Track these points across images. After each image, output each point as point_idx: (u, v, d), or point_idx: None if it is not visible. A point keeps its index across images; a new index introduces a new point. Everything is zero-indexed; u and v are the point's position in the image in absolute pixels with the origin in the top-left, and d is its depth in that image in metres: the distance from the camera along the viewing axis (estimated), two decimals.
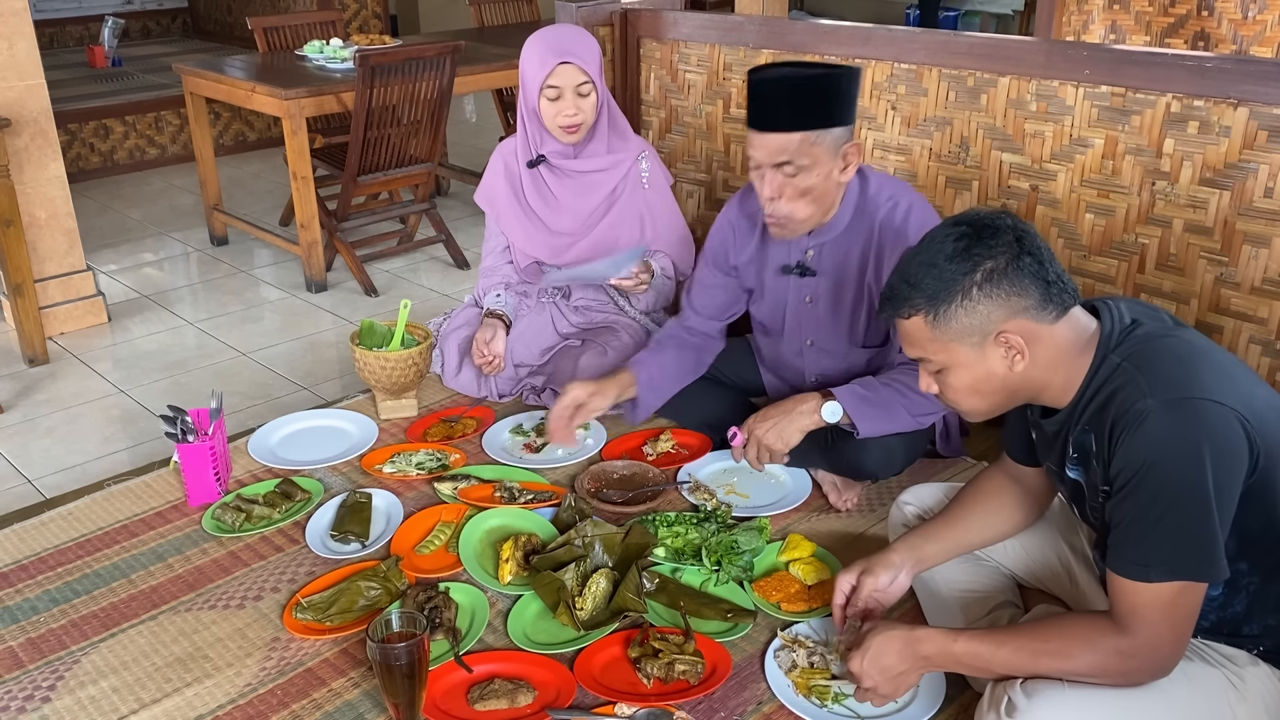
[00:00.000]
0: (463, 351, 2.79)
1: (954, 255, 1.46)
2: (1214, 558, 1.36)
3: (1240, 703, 1.46)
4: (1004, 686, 1.49)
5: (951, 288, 1.45)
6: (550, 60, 2.55)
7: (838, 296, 2.25)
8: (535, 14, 5.82)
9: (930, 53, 2.52)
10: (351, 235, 4.25)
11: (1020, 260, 1.44)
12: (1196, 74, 2.15)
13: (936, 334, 1.49)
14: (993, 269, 1.44)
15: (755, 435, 2.14)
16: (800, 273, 2.25)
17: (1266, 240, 2.14)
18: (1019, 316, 1.45)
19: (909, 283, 1.49)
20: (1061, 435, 1.54)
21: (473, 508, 2.24)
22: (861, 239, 2.17)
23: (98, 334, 3.60)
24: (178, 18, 8.04)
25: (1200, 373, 1.38)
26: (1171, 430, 1.35)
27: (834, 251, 2.21)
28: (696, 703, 1.73)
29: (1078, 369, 1.47)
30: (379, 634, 1.62)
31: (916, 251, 1.51)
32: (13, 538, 2.24)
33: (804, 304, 2.29)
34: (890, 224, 2.13)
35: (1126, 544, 1.40)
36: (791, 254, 2.26)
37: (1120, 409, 1.39)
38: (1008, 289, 1.44)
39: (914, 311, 1.49)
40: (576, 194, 2.71)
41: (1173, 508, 1.35)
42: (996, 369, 1.49)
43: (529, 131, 2.70)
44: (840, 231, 2.18)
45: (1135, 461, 1.37)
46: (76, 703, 1.78)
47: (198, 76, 4.22)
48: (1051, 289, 1.45)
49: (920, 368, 1.58)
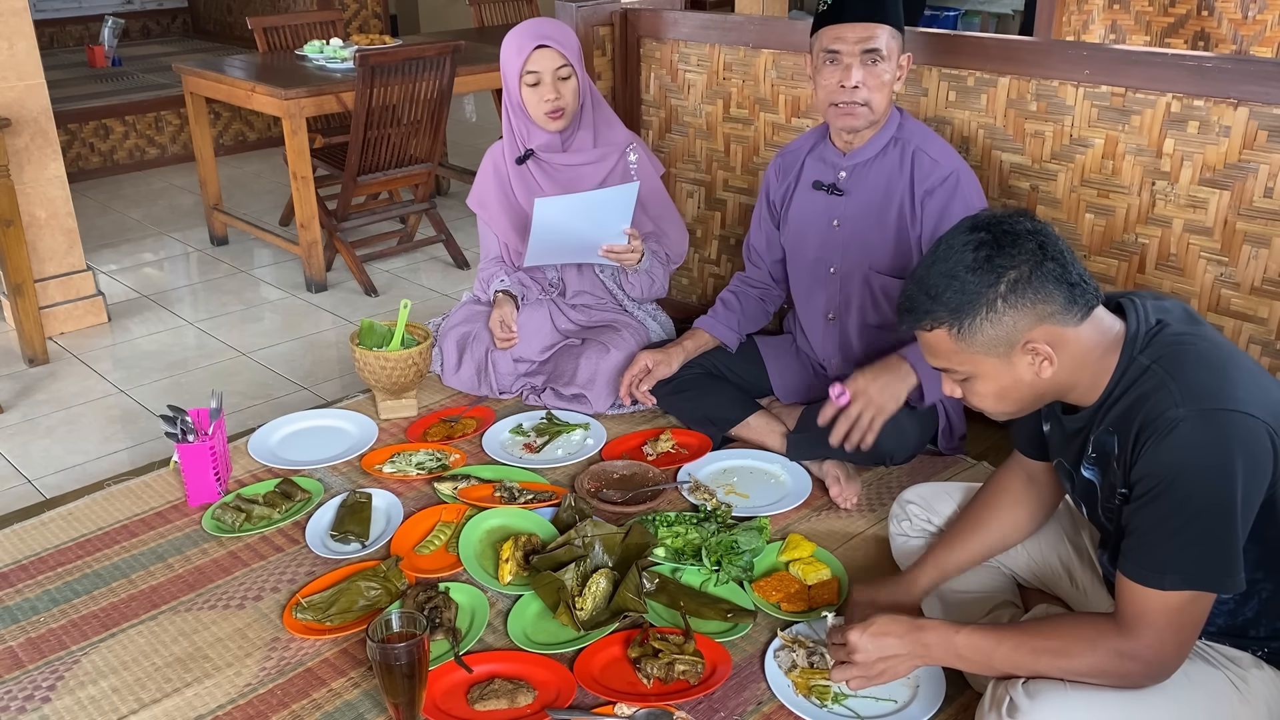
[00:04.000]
0: (461, 348, 2.79)
1: (975, 266, 1.42)
2: (1233, 571, 1.35)
3: (1243, 705, 1.46)
4: (1005, 686, 1.49)
5: (975, 300, 1.42)
6: (527, 45, 2.58)
7: (865, 221, 2.31)
8: (535, 14, 5.82)
9: (930, 53, 2.53)
10: (351, 235, 4.25)
11: (1043, 266, 1.41)
12: (1196, 74, 2.15)
13: (961, 346, 1.45)
14: (1016, 279, 1.41)
15: (868, 393, 2.15)
16: (830, 190, 2.33)
17: (1266, 240, 2.14)
18: (1045, 323, 1.42)
19: (929, 295, 1.45)
20: (1082, 434, 1.51)
21: (473, 508, 2.24)
22: (890, 171, 2.26)
23: (98, 334, 3.60)
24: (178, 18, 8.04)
25: (1232, 381, 1.35)
26: (1204, 441, 1.33)
27: (865, 175, 2.29)
28: (696, 703, 1.73)
29: (1103, 369, 1.45)
30: (379, 634, 1.62)
31: (934, 260, 1.47)
32: (13, 538, 2.24)
33: (831, 228, 2.35)
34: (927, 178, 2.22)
35: (1143, 549, 1.38)
36: (825, 173, 2.36)
37: (1149, 414, 1.37)
38: (1033, 297, 1.41)
39: (936, 325, 1.46)
40: (564, 188, 2.70)
41: (1197, 518, 1.34)
42: (1024, 376, 1.46)
43: (515, 128, 2.71)
44: (874, 154, 2.27)
45: (1162, 469, 1.35)
46: (76, 703, 1.78)
47: (198, 76, 4.22)
48: (1075, 291, 1.42)
49: (944, 375, 1.55)
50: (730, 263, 3.16)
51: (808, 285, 2.47)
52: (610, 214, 2.54)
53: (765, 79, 2.89)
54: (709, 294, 3.24)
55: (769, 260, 2.58)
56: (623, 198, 2.52)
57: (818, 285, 2.44)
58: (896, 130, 2.27)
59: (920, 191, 2.23)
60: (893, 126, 2.27)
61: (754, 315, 2.61)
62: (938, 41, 2.53)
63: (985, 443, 2.51)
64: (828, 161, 2.35)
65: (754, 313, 2.61)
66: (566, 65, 2.60)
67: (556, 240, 2.59)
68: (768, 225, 2.54)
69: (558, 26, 2.66)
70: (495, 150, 2.81)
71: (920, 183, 2.23)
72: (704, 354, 2.57)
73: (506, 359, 2.75)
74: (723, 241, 3.18)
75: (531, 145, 2.70)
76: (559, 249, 2.66)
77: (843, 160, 2.32)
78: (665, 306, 3.00)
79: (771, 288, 2.62)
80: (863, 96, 2.17)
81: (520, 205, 2.75)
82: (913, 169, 2.24)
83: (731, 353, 2.58)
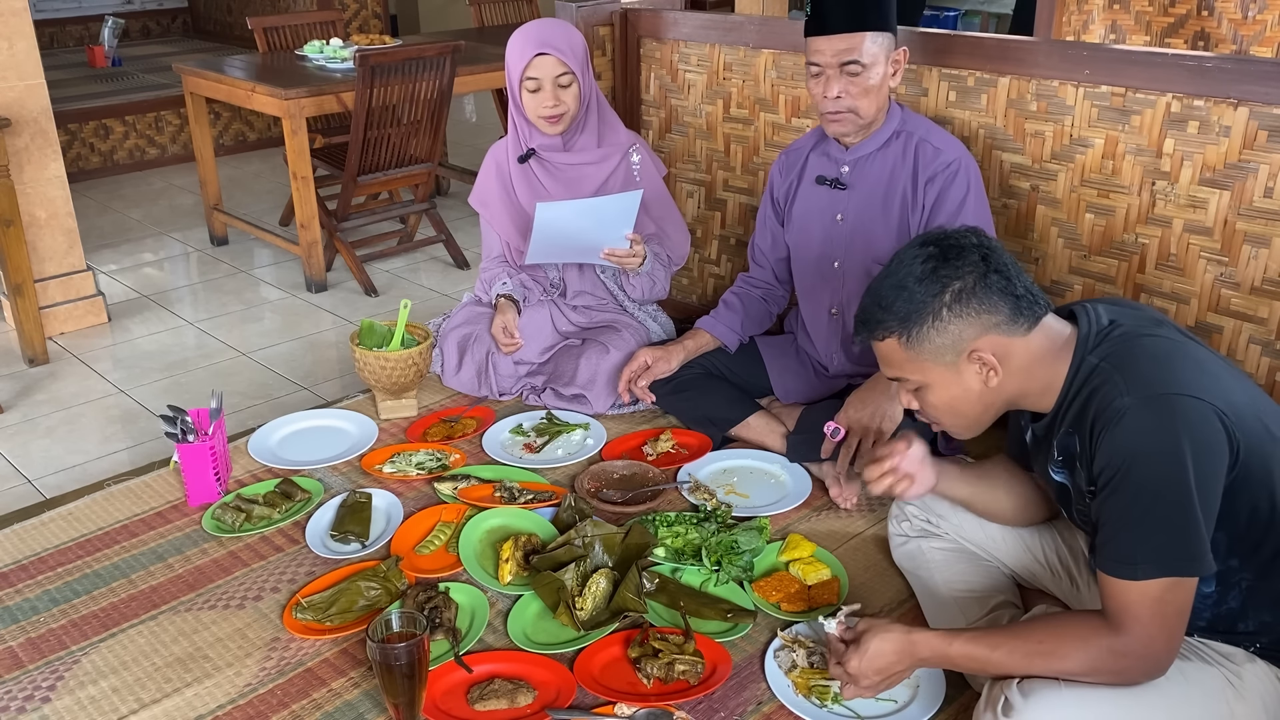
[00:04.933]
0: (462, 350, 2.79)
1: (922, 277, 1.49)
2: (1198, 552, 1.37)
3: (1238, 701, 1.46)
4: (1001, 686, 1.50)
5: (922, 310, 1.49)
6: (528, 51, 2.57)
7: (867, 214, 2.32)
8: (535, 14, 5.82)
9: (930, 53, 2.53)
10: (351, 235, 4.25)
11: (988, 278, 1.48)
12: (1196, 74, 2.15)
13: (910, 355, 1.52)
14: (961, 289, 1.48)
15: (860, 421, 2.17)
16: (833, 184, 2.34)
17: (1266, 240, 2.14)
18: (990, 333, 1.49)
19: (881, 305, 1.53)
20: (1048, 439, 1.55)
21: (473, 508, 2.24)
22: (893, 162, 2.28)
23: (98, 334, 3.60)
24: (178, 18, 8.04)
25: (1176, 369, 1.39)
26: (1149, 426, 1.36)
27: (867, 168, 2.31)
28: (696, 703, 1.73)
29: (1055, 374, 1.50)
30: (379, 634, 1.62)
31: (887, 274, 1.54)
32: (13, 538, 2.24)
33: (835, 222, 2.37)
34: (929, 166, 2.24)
35: (1112, 542, 1.41)
36: (828, 168, 2.38)
37: (1099, 408, 1.41)
38: (977, 307, 1.48)
39: (887, 334, 1.53)
40: (566, 187, 2.71)
41: (1155, 503, 1.36)
42: (972, 386, 1.52)
43: (518, 127, 2.71)
44: (877, 148, 2.29)
45: (1116, 459, 1.38)
46: (76, 703, 1.78)
47: (198, 76, 4.22)
48: (1021, 303, 1.48)
49: (900, 386, 1.61)
50: (731, 263, 3.16)
51: (812, 281, 2.48)
52: (612, 219, 2.54)
53: (765, 79, 2.89)
54: (709, 294, 3.24)
55: (773, 259, 2.58)
56: (625, 205, 2.52)
57: (822, 281, 2.45)
58: (900, 124, 2.29)
59: (922, 179, 2.25)
60: (895, 121, 2.29)
61: (757, 317, 2.61)
62: (938, 41, 2.53)
63: (986, 443, 2.50)
64: (831, 157, 2.37)
65: (757, 314, 2.62)
66: (568, 73, 2.59)
67: (557, 242, 2.59)
68: (773, 223, 2.54)
69: (563, 31, 2.63)
70: (498, 148, 2.81)
71: (923, 170, 2.25)
72: (704, 354, 2.58)
73: (507, 361, 2.75)
74: (723, 241, 3.18)
75: (533, 145, 2.70)
76: (560, 250, 2.66)
77: (845, 155, 2.34)
78: (665, 307, 3.00)
79: (775, 288, 2.62)
80: (846, 105, 2.20)
81: (521, 204, 2.75)
82: (916, 158, 2.26)
83: (732, 354, 2.58)
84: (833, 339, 2.47)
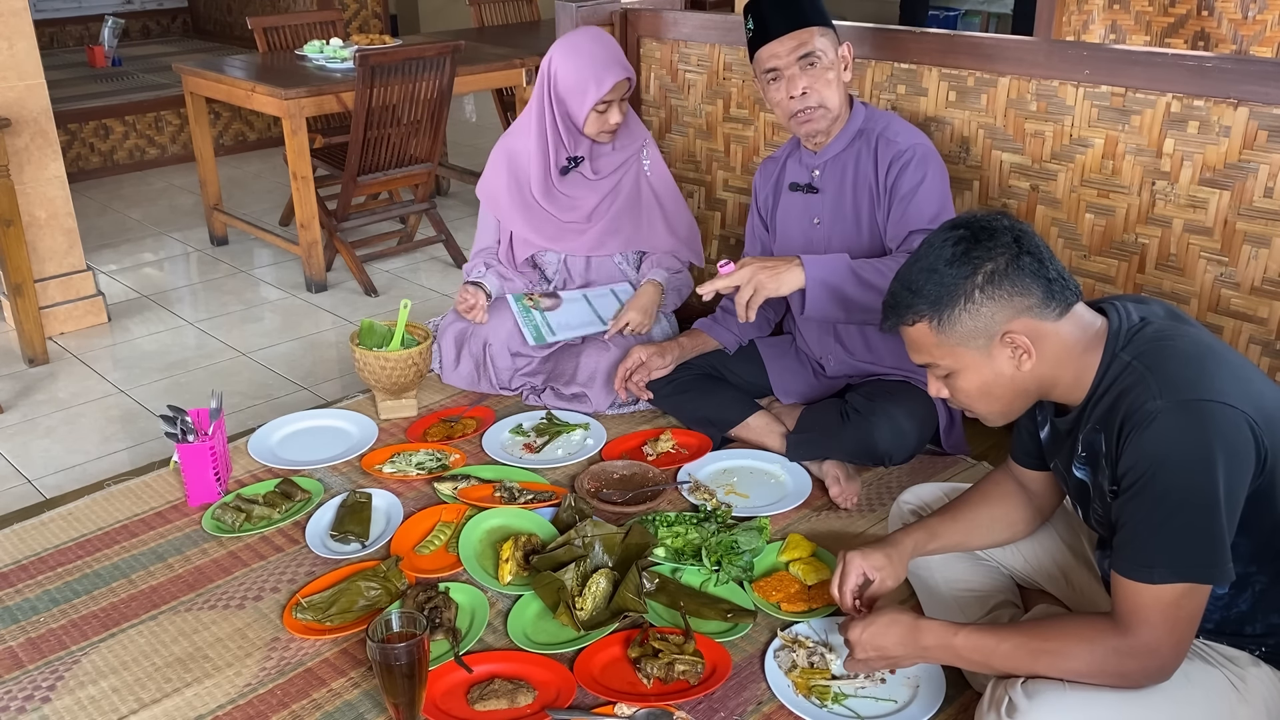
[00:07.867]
0: (459, 344, 2.79)
1: (953, 259, 1.46)
2: (1220, 561, 1.36)
3: (1241, 704, 1.46)
4: (1004, 686, 1.49)
5: (954, 292, 1.46)
6: (608, 77, 2.58)
7: (840, 215, 2.34)
8: (535, 14, 5.82)
9: (930, 53, 2.52)
10: (351, 235, 4.25)
11: (1020, 260, 1.44)
12: (1196, 74, 2.15)
13: (942, 339, 1.49)
14: (993, 270, 1.45)
15: (752, 271, 2.19)
16: (806, 189, 2.37)
17: (1266, 240, 2.14)
18: (1023, 316, 1.45)
19: (911, 289, 1.49)
20: (1072, 434, 1.53)
21: (473, 508, 2.24)
22: (858, 160, 2.30)
23: (98, 334, 3.60)
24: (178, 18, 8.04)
25: (1210, 373, 1.37)
26: (1182, 432, 1.34)
27: (835, 170, 2.33)
28: (696, 703, 1.73)
29: (1086, 366, 1.47)
30: (379, 634, 1.62)
31: (916, 259, 1.51)
32: (13, 538, 2.24)
33: (812, 225, 2.39)
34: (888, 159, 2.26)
35: (1132, 544, 1.39)
36: (800, 174, 2.41)
37: (1130, 408, 1.39)
38: (1009, 289, 1.44)
39: (918, 318, 1.50)
40: (582, 186, 2.72)
41: (1180, 509, 1.35)
42: (1005, 370, 1.49)
43: (561, 136, 2.69)
44: (842, 149, 2.32)
45: (1144, 461, 1.36)
46: (76, 703, 1.78)
47: (198, 76, 4.22)
48: (1053, 286, 1.45)
49: (929, 373, 1.57)
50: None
51: None
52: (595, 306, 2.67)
53: None
54: None
55: None
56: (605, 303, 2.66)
57: None
58: (862, 122, 2.31)
59: (883, 171, 2.27)
60: (858, 120, 2.31)
61: (756, 321, 2.61)
62: (937, 41, 2.53)
63: (986, 442, 2.51)
64: (803, 163, 2.40)
65: (756, 319, 2.60)
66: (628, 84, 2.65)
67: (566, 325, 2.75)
68: (760, 232, 2.56)
69: (615, 44, 2.67)
70: (512, 146, 2.79)
71: (882, 162, 2.27)
72: (703, 355, 2.58)
73: (505, 354, 2.74)
74: (723, 241, 3.18)
75: (580, 153, 2.71)
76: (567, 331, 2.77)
77: (814, 159, 2.36)
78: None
79: None
80: (815, 99, 2.22)
81: (536, 200, 2.74)
82: (877, 154, 2.28)
83: (731, 354, 2.58)
84: (825, 337, 2.47)
